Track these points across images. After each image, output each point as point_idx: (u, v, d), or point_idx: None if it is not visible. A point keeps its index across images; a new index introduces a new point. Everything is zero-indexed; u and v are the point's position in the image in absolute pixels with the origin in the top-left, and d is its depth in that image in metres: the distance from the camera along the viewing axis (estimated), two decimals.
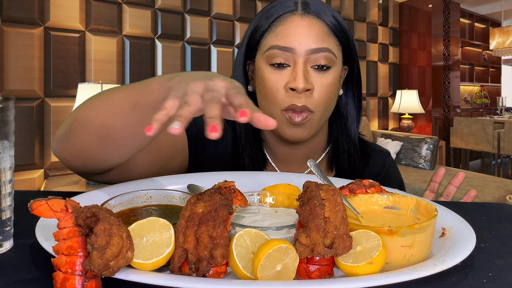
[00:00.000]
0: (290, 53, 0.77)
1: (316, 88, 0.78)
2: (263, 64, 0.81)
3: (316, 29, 0.79)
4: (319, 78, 0.78)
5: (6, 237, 0.48)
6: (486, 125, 4.97)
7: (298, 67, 0.77)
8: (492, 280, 0.42)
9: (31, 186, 2.59)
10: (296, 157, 0.91)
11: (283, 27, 0.79)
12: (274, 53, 0.78)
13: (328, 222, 0.41)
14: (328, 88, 0.79)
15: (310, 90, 0.78)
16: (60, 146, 0.68)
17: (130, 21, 3.05)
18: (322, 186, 0.45)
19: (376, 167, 0.96)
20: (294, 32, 0.78)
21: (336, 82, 0.82)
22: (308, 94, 0.78)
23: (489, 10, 7.09)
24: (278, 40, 0.78)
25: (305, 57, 0.78)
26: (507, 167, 6.21)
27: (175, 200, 0.57)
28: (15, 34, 2.50)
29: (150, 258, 0.39)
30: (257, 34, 0.83)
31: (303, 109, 0.78)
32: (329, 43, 0.79)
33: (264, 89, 0.80)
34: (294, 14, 0.80)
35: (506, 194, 3.28)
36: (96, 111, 0.63)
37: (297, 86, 0.75)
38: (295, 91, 0.77)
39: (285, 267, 0.40)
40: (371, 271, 0.40)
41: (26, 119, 2.55)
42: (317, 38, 0.78)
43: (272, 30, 0.81)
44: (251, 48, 0.86)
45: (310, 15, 0.80)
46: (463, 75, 6.79)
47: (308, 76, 0.77)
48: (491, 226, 0.59)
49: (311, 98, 0.78)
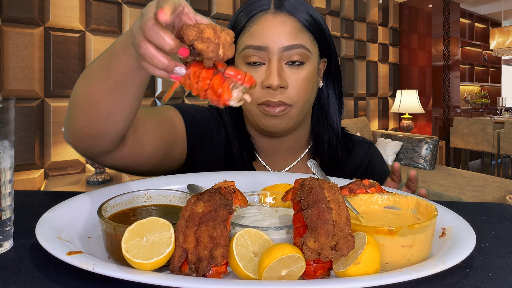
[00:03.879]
0: (264, 52, 0.80)
1: (291, 84, 0.81)
2: (240, 63, 0.83)
3: (289, 27, 0.81)
4: (294, 74, 0.81)
5: (6, 237, 0.48)
6: (486, 125, 4.96)
7: (272, 65, 0.79)
8: (492, 280, 0.42)
9: (31, 186, 2.59)
10: (280, 150, 0.93)
11: (257, 26, 0.82)
12: (248, 52, 0.81)
13: (335, 225, 0.41)
14: (304, 83, 0.82)
15: (284, 87, 0.80)
16: (67, 133, 0.70)
17: (130, 21, 3.04)
18: (324, 185, 0.45)
19: (359, 157, 0.98)
20: (267, 31, 0.80)
21: (312, 76, 0.84)
22: (283, 90, 0.80)
23: (489, 10, 7.09)
24: (252, 40, 0.81)
25: (279, 55, 0.80)
26: (507, 167, 6.21)
27: (175, 200, 0.57)
28: (15, 34, 2.50)
29: (150, 258, 0.39)
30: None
31: (279, 104, 0.80)
32: (302, 39, 0.82)
33: None
34: (267, 12, 0.82)
35: (506, 194, 3.28)
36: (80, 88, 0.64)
37: (271, 83, 0.78)
38: (270, 88, 0.79)
39: (289, 274, 0.40)
40: (363, 271, 0.40)
41: (26, 119, 2.55)
42: (290, 36, 0.80)
43: (246, 30, 0.83)
44: None
45: (282, 13, 0.82)
46: (463, 75, 6.79)
47: (282, 73, 0.80)
48: (491, 226, 0.59)
49: (285, 94, 0.81)
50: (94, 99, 0.62)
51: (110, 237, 0.44)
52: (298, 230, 0.44)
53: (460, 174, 3.83)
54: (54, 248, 0.41)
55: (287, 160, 0.95)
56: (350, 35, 4.83)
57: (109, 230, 0.44)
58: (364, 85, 5.01)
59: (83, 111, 0.64)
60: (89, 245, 0.49)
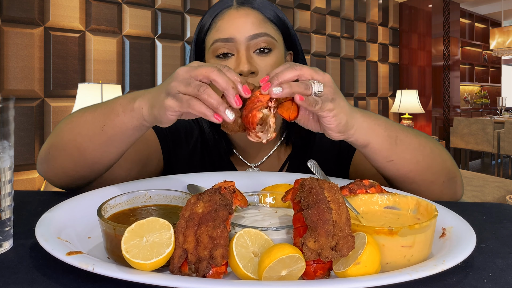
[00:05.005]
0: (231, 43, 0.83)
1: (261, 70, 0.83)
2: (211, 58, 0.86)
3: (252, 17, 0.85)
4: (262, 61, 0.84)
5: (6, 237, 0.48)
6: (486, 125, 4.96)
7: (241, 53, 0.83)
8: (492, 280, 0.41)
9: (31, 186, 2.59)
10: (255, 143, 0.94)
11: (222, 21, 0.85)
12: (217, 46, 0.84)
13: (335, 226, 0.41)
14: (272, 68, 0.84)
15: (255, 72, 0.82)
16: (44, 168, 0.74)
17: (130, 21, 3.04)
18: (324, 185, 0.45)
19: None
20: (232, 23, 0.84)
21: (280, 63, 0.87)
22: (253, 76, 0.82)
23: (489, 10, 7.09)
24: (219, 34, 0.84)
25: (246, 44, 0.83)
26: (507, 167, 6.21)
27: (175, 200, 0.57)
28: (15, 34, 2.50)
29: (150, 258, 0.39)
30: (202, 34, 0.89)
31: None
32: (266, 28, 0.85)
33: None
34: (230, 8, 0.86)
35: (506, 194, 3.28)
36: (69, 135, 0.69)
37: (242, 69, 0.81)
38: (242, 75, 0.81)
39: (289, 274, 0.40)
40: (363, 272, 0.40)
41: (26, 119, 2.55)
42: (254, 25, 0.84)
43: (213, 26, 0.87)
44: (199, 48, 0.91)
45: (245, 7, 0.86)
46: (463, 75, 6.78)
47: (251, 60, 0.83)
48: (491, 226, 0.59)
49: (256, 79, 0.82)
50: (83, 149, 0.67)
51: (110, 237, 0.44)
52: (298, 230, 0.44)
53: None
54: (54, 248, 0.41)
55: (264, 151, 0.97)
56: (350, 35, 4.83)
57: (109, 230, 0.44)
58: (364, 85, 5.00)
59: (69, 156, 0.69)
60: (88, 245, 0.49)
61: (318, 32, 4.47)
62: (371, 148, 0.65)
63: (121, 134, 0.64)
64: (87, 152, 0.67)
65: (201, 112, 0.52)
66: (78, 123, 0.68)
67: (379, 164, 0.69)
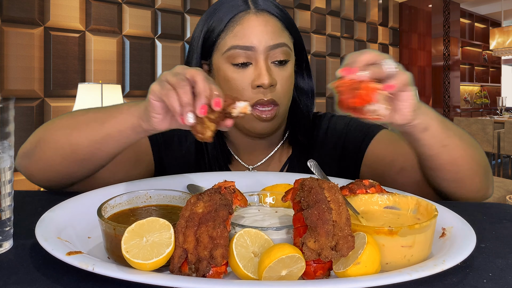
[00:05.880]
0: (251, 52, 0.81)
1: (278, 82, 0.83)
2: (225, 64, 0.83)
3: (272, 26, 0.83)
4: (280, 72, 0.83)
5: (6, 237, 0.48)
6: (486, 125, 4.96)
7: (261, 64, 0.81)
8: (492, 280, 0.41)
9: (31, 186, 2.59)
10: (259, 146, 0.94)
11: (241, 26, 0.82)
12: (235, 53, 0.81)
13: (335, 225, 0.41)
14: (288, 80, 0.85)
15: (274, 85, 0.82)
16: (26, 162, 0.73)
17: (130, 21, 3.04)
18: (324, 185, 0.45)
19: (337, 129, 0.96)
20: (252, 31, 0.81)
21: (293, 73, 0.87)
22: (272, 89, 0.82)
23: (489, 10, 7.09)
24: (238, 40, 0.81)
25: (266, 54, 0.81)
26: (507, 167, 6.21)
27: (175, 200, 0.57)
28: (15, 34, 2.50)
29: (150, 258, 0.39)
30: (213, 35, 0.85)
31: (270, 102, 0.82)
32: (284, 38, 0.84)
33: (230, 89, 0.83)
34: (248, 13, 0.83)
35: (506, 194, 3.28)
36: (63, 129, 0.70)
37: (263, 82, 0.79)
38: (261, 87, 0.80)
39: (289, 274, 0.40)
40: (363, 272, 0.40)
41: (26, 119, 2.55)
42: (274, 35, 0.82)
43: (229, 30, 0.83)
44: (206, 49, 0.88)
45: (263, 13, 0.84)
46: (463, 75, 6.78)
47: (270, 72, 0.81)
48: (491, 226, 0.59)
49: (275, 92, 0.82)
50: (76, 144, 0.68)
51: (110, 237, 0.44)
52: (298, 230, 0.44)
53: None
54: (54, 248, 0.41)
55: (264, 154, 0.96)
56: (350, 35, 4.83)
57: (109, 230, 0.44)
58: None
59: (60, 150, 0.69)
60: (88, 245, 0.49)
61: (318, 32, 4.47)
62: (430, 132, 0.63)
63: (118, 133, 0.65)
64: (80, 148, 0.68)
65: (171, 105, 0.55)
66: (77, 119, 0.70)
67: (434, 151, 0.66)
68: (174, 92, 0.54)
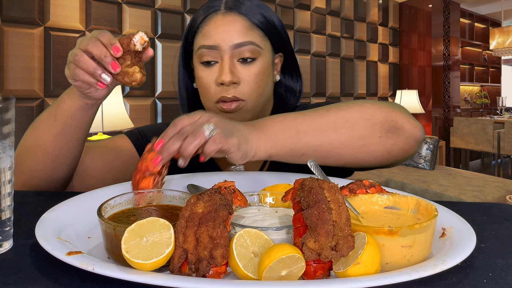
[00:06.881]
0: (216, 51, 0.83)
1: (244, 79, 0.84)
2: (197, 63, 0.87)
3: (238, 25, 0.84)
4: (246, 70, 0.84)
5: (6, 237, 0.48)
6: (486, 125, 4.96)
7: (225, 62, 0.83)
8: (492, 280, 0.41)
9: None
10: None
11: (208, 27, 0.85)
12: (202, 52, 0.84)
13: (335, 225, 0.41)
14: (256, 78, 0.85)
15: (237, 82, 0.83)
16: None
17: (130, 21, 3.04)
18: (324, 185, 0.45)
19: None
20: (217, 31, 0.84)
21: (265, 71, 0.87)
22: (236, 86, 0.83)
23: (489, 10, 7.08)
24: (205, 40, 0.84)
25: (230, 52, 0.83)
26: (507, 167, 6.21)
27: (175, 200, 0.57)
28: (15, 34, 2.50)
29: (150, 258, 0.39)
30: (190, 36, 0.90)
31: (232, 100, 0.83)
32: (252, 36, 0.85)
33: (200, 86, 0.88)
34: (217, 13, 0.85)
35: (506, 194, 3.28)
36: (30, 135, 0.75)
37: (223, 80, 0.81)
38: (224, 84, 0.82)
39: (289, 274, 0.40)
40: (363, 272, 0.40)
41: (26, 119, 2.55)
42: (240, 34, 0.83)
43: (200, 31, 0.87)
44: (188, 49, 0.92)
45: (232, 13, 0.85)
46: (463, 75, 6.78)
47: (234, 69, 0.83)
48: (491, 226, 0.59)
49: (239, 89, 0.83)
50: (43, 142, 0.73)
51: (110, 237, 0.44)
52: (298, 230, 0.44)
53: (460, 174, 3.83)
54: (54, 248, 0.41)
55: None
56: (350, 35, 4.83)
57: (109, 230, 0.44)
58: (364, 85, 5.00)
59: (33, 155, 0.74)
60: (88, 245, 0.49)
61: (318, 32, 4.47)
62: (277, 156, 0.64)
63: (71, 119, 0.71)
64: (47, 145, 0.73)
65: (84, 80, 0.61)
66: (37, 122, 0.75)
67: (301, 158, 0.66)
68: (78, 69, 0.60)
